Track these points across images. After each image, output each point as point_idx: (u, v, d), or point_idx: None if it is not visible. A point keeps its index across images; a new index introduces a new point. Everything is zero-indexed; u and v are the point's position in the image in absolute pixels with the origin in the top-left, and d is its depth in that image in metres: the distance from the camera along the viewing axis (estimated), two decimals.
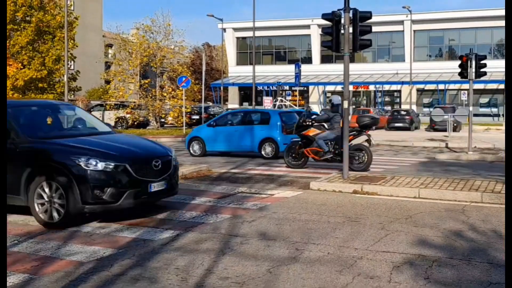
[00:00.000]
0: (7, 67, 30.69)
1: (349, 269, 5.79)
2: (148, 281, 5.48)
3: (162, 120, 35.83)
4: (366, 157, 14.42)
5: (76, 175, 7.75)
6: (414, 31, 52.96)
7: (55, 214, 7.81)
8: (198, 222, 8.13)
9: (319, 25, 51.79)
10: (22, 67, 31.44)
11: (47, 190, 7.87)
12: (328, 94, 55.77)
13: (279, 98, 36.70)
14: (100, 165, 7.84)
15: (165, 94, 34.40)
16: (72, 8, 35.00)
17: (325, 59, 55.59)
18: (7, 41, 31.51)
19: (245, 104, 54.68)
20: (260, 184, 11.84)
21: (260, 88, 53.73)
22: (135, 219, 8.28)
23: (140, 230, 7.60)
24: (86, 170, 7.78)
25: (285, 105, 35.72)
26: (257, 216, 8.49)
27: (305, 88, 53.30)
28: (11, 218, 8.38)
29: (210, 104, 51.30)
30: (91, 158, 7.86)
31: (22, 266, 5.98)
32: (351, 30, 11.68)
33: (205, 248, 6.67)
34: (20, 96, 31.17)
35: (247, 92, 55.87)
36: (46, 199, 7.86)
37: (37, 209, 7.93)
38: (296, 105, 40.06)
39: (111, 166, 7.90)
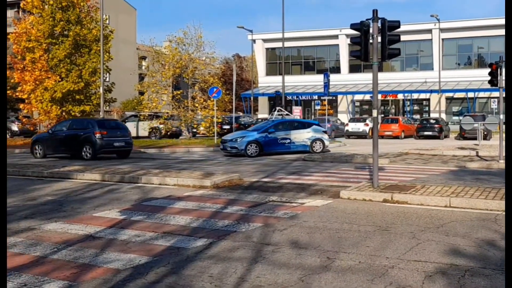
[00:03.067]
0: (47, 79, 31.27)
1: (381, 278, 5.73)
2: None
3: (194, 130, 36.07)
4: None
5: None
6: (443, 39, 52.38)
7: None
8: (230, 230, 8.14)
9: (347, 35, 51.63)
10: (60, 79, 31.91)
11: None
12: (357, 103, 55.54)
13: (277, 108, 36.55)
14: None
15: (196, 105, 34.60)
16: (107, 22, 35.48)
17: (353, 69, 55.35)
18: (46, 55, 32.11)
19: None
20: (290, 193, 11.81)
21: (289, 98, 53.70)
22: (169, 227, 8.35)
23: (174, 238, 7.65)
24: None
25: (282, 115, 35.67)
26: (288, 225, 8.47)
27: (334, 98, 53.06)
28: (51, 226, 8.54)
29: (241, 114, 51.45)
30: None
31: (61, 273, 6.05)
32: (379, 39, 11.62)
33: (238, 256, 6.67)
34: (58, 108, 31.68)
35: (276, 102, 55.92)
36: None
37: None
38: (325, 114, 39.87)
39: None
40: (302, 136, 24.07)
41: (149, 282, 5.74)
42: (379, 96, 18.53)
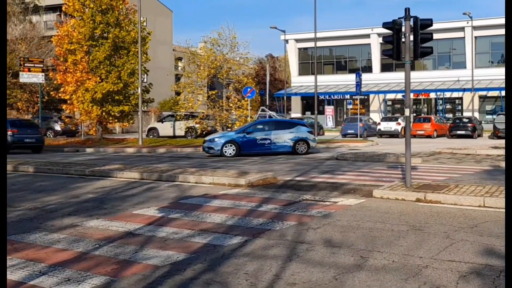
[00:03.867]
0: (87, 81, 31.76)
1: (415, 278, 5.67)
2: (219, 285, 5.54)
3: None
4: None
5: None
6: (475, 37, 51.40)
7: None
8: (265, 228, 8.16)
9: (379, 34, 51.12)
10: (100, 80, 32.38)
11: None
12: (389, 102, 54.95)
13: (261, 107, 36.06)
14: None
15: (231, 105, 34.71)
16: (145, 24, 35.80)
17: (385, 68, 54.76)
18: (86, 56, 32.62)
19: (308, 113, 54.50)
20: (323, 192, 11.77)
21: (321, 97, 53.48)
22: (205, 225, 8.41)
23: (210, 236, 7.70)
24: None
25: (267, 115, 35.31)
26: (322, 224, 8.45)
27: (366, 97, 52.64)
28: (92, 223, 8.69)
29: (274, 113, 51.43)
30: None
31: (103, 269, 6.15)
32: (412, 38, 11.47)
33: (273, 254, 6.68)
34: (99, 108, 32.16)
35: (309, 101, 55.73)
36: None
37: None
38: (357, 113, 39.57)
39: None
40: (284, 137, 23.05)
41: (187, 278, 5.78)
42: (411, 95, 18.37)
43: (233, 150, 22.49)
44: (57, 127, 41.47)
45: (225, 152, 22.44)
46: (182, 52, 53.32)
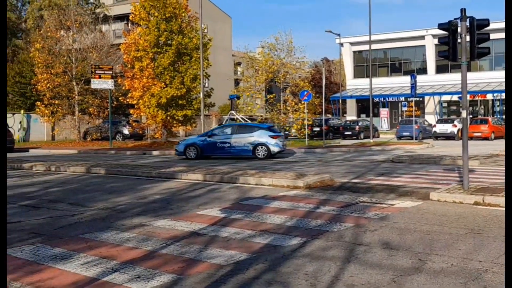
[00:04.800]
0: (153, 86, 32.47)
1: (474, 282, 5.51)
2: (280, 285, 5.54)
3: (286, 132, 36.21)
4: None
5: None
6: None
7: None
8: (323, 230, 8.12)
9: (433, 35, 49.89)
10: (164, 86, 33.04)
11: None
12: (444, 104, 53.52)
13: (230, 112, 35.38)
14: None
15: (288, 108, 34.74)
16: (206, 31, 36.31)
17: (440, 69, 53.35)
18: (152, 63, 33.35)
19: (363, 116, 53.80)
20: (380, 194, 11.60)
21: (376, 100, 52.69)
22: (266, 226, 8.45)
23: (271, 236, 7.73)
24: None
25: (236, 118, 34.53)
26: (379, 226, 8.33)
27: (421, 99, 51.43)
28: (159, 223, 8.88)
29: (330, 116, 51.06)
30: None
31: (170, 267, 6.26)
32: (468, 38, 11.12)
33: (331, 256, 6.65)
34: (164, 112, 32.80)
35: (364, 104, 55.02)
36: None
37: None
38: (412, 116, 38.74)
39: None
40: (243, 141, 22.86)
41: (249, 278, 5.82)
42: (468, 97, 17.75)
43: (195, 153, 23.27)
44: (125, 131, 42.52)
45: (188, 154, 23.31)
46: (241, 57, 53.78)
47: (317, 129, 37.03)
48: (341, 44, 58.27)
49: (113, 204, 10.92)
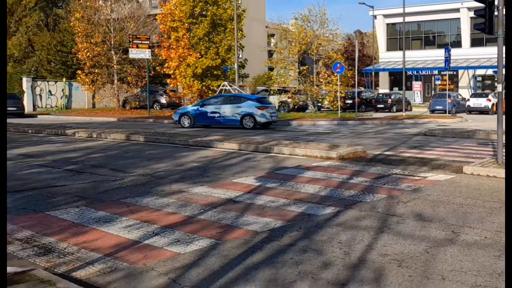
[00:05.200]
0: (189, 56, 32.55)
1: None
2: (314, 253, 5.60)
3: (319, 104, 35.98)
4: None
5: None
6: None
7: None
8: (356, 200, 8.12)
9: (469, 8, 48.41)
10: (200, 56, 33.09)
11: None
12: (479, 78, 52.24)
13: (224, 83, 34.67)
14: None
15: (321, 80, 34.42)
16: (240, 1, 36.06)
17: (475, 42, 51.85)
18: (187, 34, 33.35)
19: (395, 89, 52.94)
20: (413, 167, 11.49)
21: (409, 73, 51.70)
22: (300, 195, 8.49)
23: (305, 205, 7.77)
24: None
25: (227, 89, 33.64)
26: (412, 198, 8.29)
27: (455, 73, 50.26)
28: (197, 190, 9.00)
29: (362, 89, 50.45)
30: None
31: (208, 232, 6.38)
32: (504, 11, 10.75)
33: (364, 225, 6.66)
34: (199, 82, 32.91)
35: (397, 77, 54.04)
36: None
37: None
38: (445, 89, 37.99)
39: None
40: (232, 111, 23.19)
41: (284, 245, 5.88)
42: (503, 71, 17.20)
43: (188, 122, 23.91)
44: (163, 100, 42.84)
45: (182, 123, 23.95)
46: (275, 28, 53.27)
47: (350, 101, 36.68)
48: (374, 17, 57.11)
49: (152, 171, 11.09)
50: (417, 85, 52.10)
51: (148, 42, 34.89)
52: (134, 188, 9.18)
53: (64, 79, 44.18)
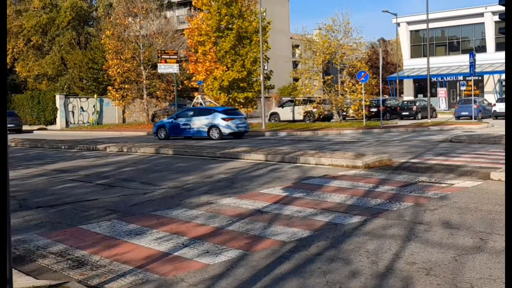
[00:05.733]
0: (215, 70, 32.78)
1: None
2: (342, 262, 5.55)
3: (344, 113, 35.79)
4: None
5: None
6: None
7: None
8: (383, 208, 8.03)
9: (493, 12, 47.74)
10: (226, 69, 33.27)
11: None
12: (504, 83, 51.24)
13: (198, 96, 35.21)
14: None
15: (346, 89, 34.25)
16: (264, 14, 36.16)
17: (500, 47, 50.86)
18: (214, 47, 33.59)
19: (420, 96, 52.33)
20: (439, 174, 11.31)
21: (434, 79, 51.08)
22: (326, 204, 8.44)
23: (332, 215, 7.71)
24: None
25: (201, 102, 34.23)
26: (439, 205, 8.16)
27: (480, 78, 49.49)
28: (225, 201, 9.02)
29: (387, 97, 50.04)
30: None
31: (236, 243, 6.36)
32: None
33: (392, 234, 6.57)
34: (226, 95, 33.08)
35: (421, 84, 53.47)
36: None
37: None
38: (471, 95, 37.38)
39: None
40: (200, 123, 24.29)
41: (312, 254, 5.85)
42: None
43: (164, 133, 25.16)
44: None
45: (159, 135, 25.26)
46: (299, 39, 53.25)
47: (374, 109, 36.40)
48: (398, 24, 56.71)
49: (181, 183, 11.17)
50: (442, 91, 51.47)
51: (176, 56, 35.27)
52: (164, 201, 9.25)
53: (95, 96, 44.93)
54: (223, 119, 24.09)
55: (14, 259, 5.36)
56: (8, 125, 22.14)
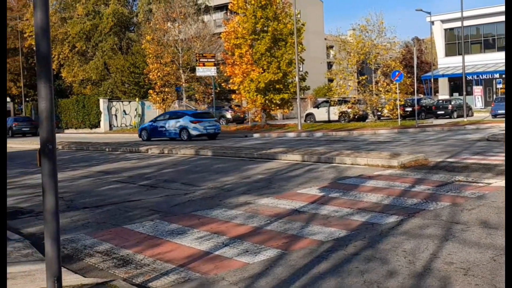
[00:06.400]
0: (252, 72, 32.85)
1: None
2: (379, 262, 5.50)
3: (379, 113, 35.36)
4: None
5: None
6: None
7: None
8: (419, 208, 7.90)
9: None
10: (262, 71, 33.29)
11: None
12: None
13: (175, 101, 36.29)
14: None
15: (380, 89, 33.84)
16: (299, 16, 36.00)
17: None
18: (250, 50, 33.67)
19: (455, 95, 51.24)
20: (476, 173, 11.05)
21: (469, 77, 49.91)
22: (363, 204, 8.37)
23: (368, 214, 7.65)
24: None
25: (175, 106, 35.43)
26: (476, 205, 7.98)
27: None
28: (263, 201, 9.04)
29: (422, 96, 49.18)
30: None
31: (275, 243, 6.37)
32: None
33: (428, 234, 6.47)
34: (262, 96, 33.12)
35: (456, 82, 52.32)
36: None
37: None
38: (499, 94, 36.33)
39: None
40: (174, 125, 26.31)
41: (349, 254, 5.81)
42: None
43: (146, 135, 27.30)
44: (228, 115, 43.38)
45: (142, 137, 27.28)
46: (333, 40, 52.96)
47: (409, 109, 35.82)
48: (432, 23, 55.62)
49: (221, 184, 11.25)
50: (477, 89, 50.26)
51: (213, 60, 35.52)
52: (204, 201, 9.34)
53: (137, 99, 45.69)
54: (192, 121, 26.14)
55: (63, 258, 5.51)
56: (23, 129, 29.82)
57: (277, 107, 35.10)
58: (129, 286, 4.98)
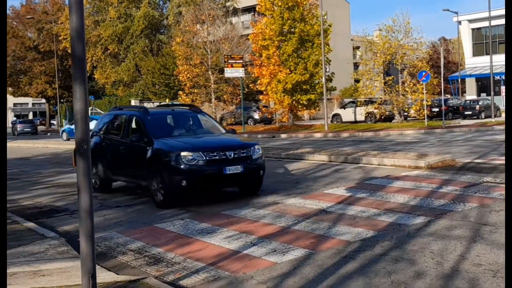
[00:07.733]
0: (279, 73, 32.79)
1: None
2: (406, 262, 5.44)
3: (405, 113, 34.88)
4: None
5: None
6: None
7: None
8: (447, 209, 7.78)
9: None
10: (289, 72, 33.19)
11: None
12: None
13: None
14: None
15: (407, 89, 33.35)
16: (326, 17, 35.75)
17: None
18: (277, 51, 33.61)
19: (483, 95, 50.21)
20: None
21: (497, 77, 48.84)
22: (390, 205, 8.28)
23: (395, 215, 7.57)
24: None
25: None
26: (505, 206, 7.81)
27: None
28: (291, 201, 9.02)
29: (449, 96, 48.36)
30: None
31: (302, 242, 6.37)
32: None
33: (456, 235, 6.37)
34: (289, 97, 33.03)
35: (484, 82, 51.25)
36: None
37: None
38: None
39: None
40: None
41: (376, 254, 5.77)
42: None
43: None
44: (256, 116, 43.34)
45: None
46: (359, 41, 52.44)
47: (436, 109, 35.22)
48: (459, 22, 54.60)
49: None
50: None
51: (241, 61, 35.56)
52: (232, 201, 9.37)
53: (167, 100, 46.11)
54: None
55: (97, 256, 5.61)
56: (25, 129, 35.14)
57: (304, 108, 34.92)
58: (160, 284, 5.04)
